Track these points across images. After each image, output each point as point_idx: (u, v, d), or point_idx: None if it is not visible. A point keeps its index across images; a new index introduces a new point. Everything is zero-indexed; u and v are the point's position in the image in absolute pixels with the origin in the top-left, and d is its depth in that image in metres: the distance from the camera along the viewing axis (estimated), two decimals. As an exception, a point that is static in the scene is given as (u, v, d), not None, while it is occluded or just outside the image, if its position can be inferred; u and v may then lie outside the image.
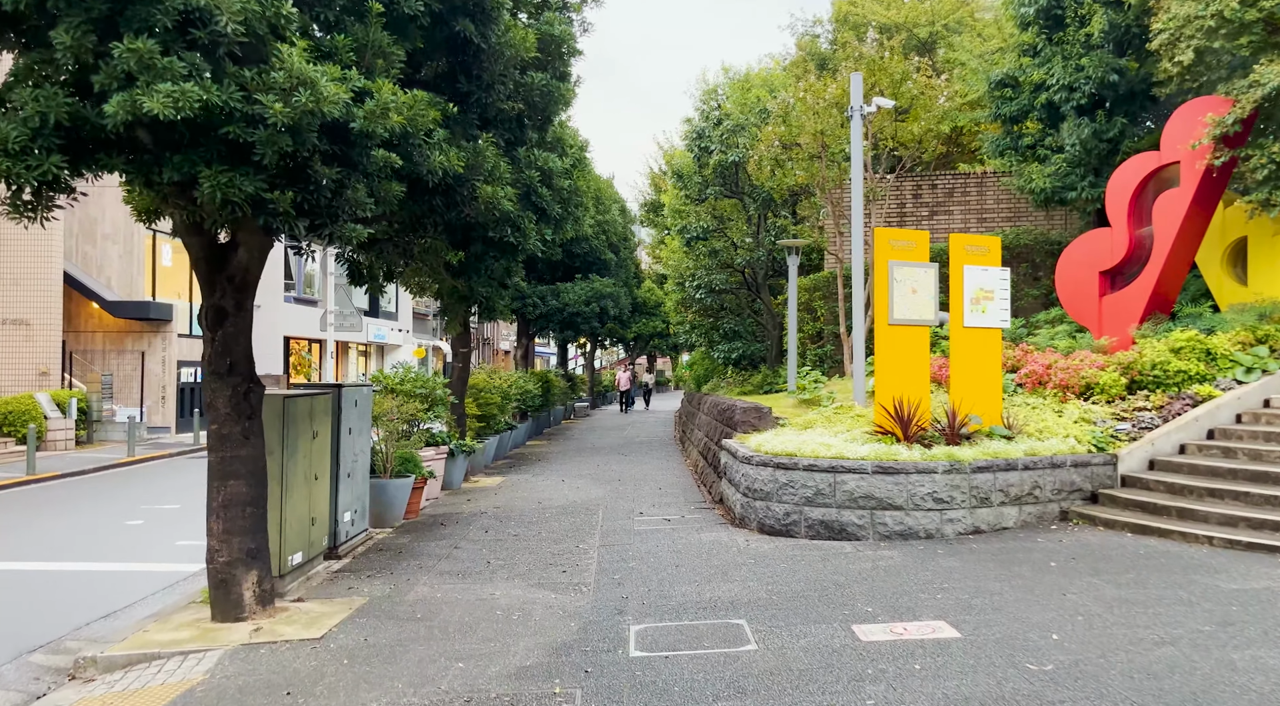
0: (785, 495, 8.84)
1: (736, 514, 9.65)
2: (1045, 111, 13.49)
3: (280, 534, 7.01)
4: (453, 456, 12.85)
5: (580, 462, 16.59)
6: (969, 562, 7.27)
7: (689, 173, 18.01)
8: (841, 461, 8.59)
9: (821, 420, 10.32)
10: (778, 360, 17.58)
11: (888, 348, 9.33)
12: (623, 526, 9.72)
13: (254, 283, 6.36)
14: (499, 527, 9.86)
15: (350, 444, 8.77)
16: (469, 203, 6.28)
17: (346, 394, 8.62)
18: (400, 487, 10.09)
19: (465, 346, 13.99)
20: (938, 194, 16.02)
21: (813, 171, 14.45)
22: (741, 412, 11.51)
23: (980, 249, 9.71)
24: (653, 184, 38.93)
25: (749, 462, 9.31)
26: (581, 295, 20.47)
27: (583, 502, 11.56)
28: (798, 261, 12.99)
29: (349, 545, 8.75)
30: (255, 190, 5.00)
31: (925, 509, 8.43)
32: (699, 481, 13.68)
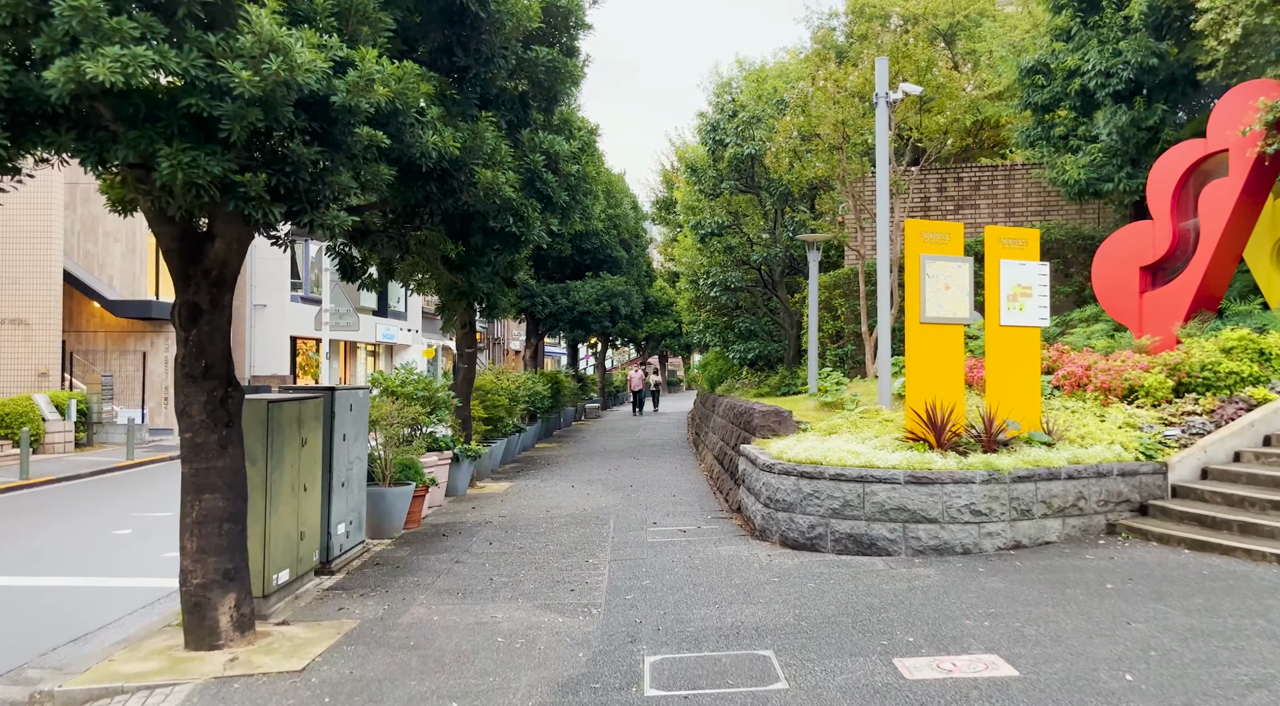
0: (810, 506, 8.23)
1: (757, 525, 9.04)
2: (1079, 99, 12.81)
3: (264, 550, 6.45)
4: (457, 462, 12.30)
5: (591, 467, 16.01)
6: (1015, 583, 6.64)
7: (703, 166, 17.40)
8: (871, 470, 7.97)
9: (846, 425, 9.71)
10: (795, 360, 16.95)
11: (919, 348, 8.70)
12: (635, 538, 9.13)
13: (232, 277, 5.79)
14: (504, 539, 9.29)
15: (345, 451, 8.21)
16: (467, 189, 5.71)
17: (340, 397, 8.06)
18: (400, 496, 9.53)
19: (471, 346, 13.43)
20: (963, 187, 15.37)
21: (833, 163, 13.83)
22: (760, 416, 10.91)
23: (1018, 242, 9.07)
24: (665, 180, 38.32)
25: (770, 471, 8.70)
26: (592, 294, 19.88)
27: (593, 511, 10.98)
28: (818, 257, 12.39)
29: (343, 559, 8.20)
30: (223, 171, 4.44)
31: (962, 522, 7.81)
32: (715, 488, 13.07)
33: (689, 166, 18.11)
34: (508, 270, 7.23)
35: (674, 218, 36.25)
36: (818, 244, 12.43)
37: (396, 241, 6.71)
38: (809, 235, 12.32)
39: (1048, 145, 13.48)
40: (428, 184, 5.73)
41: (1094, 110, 12.86)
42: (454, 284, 6.48)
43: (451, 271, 6.37)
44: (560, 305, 19.63)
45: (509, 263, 7.08)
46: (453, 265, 6.45)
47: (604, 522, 10.13)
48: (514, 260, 7.27)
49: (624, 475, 14.73)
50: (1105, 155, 12.37)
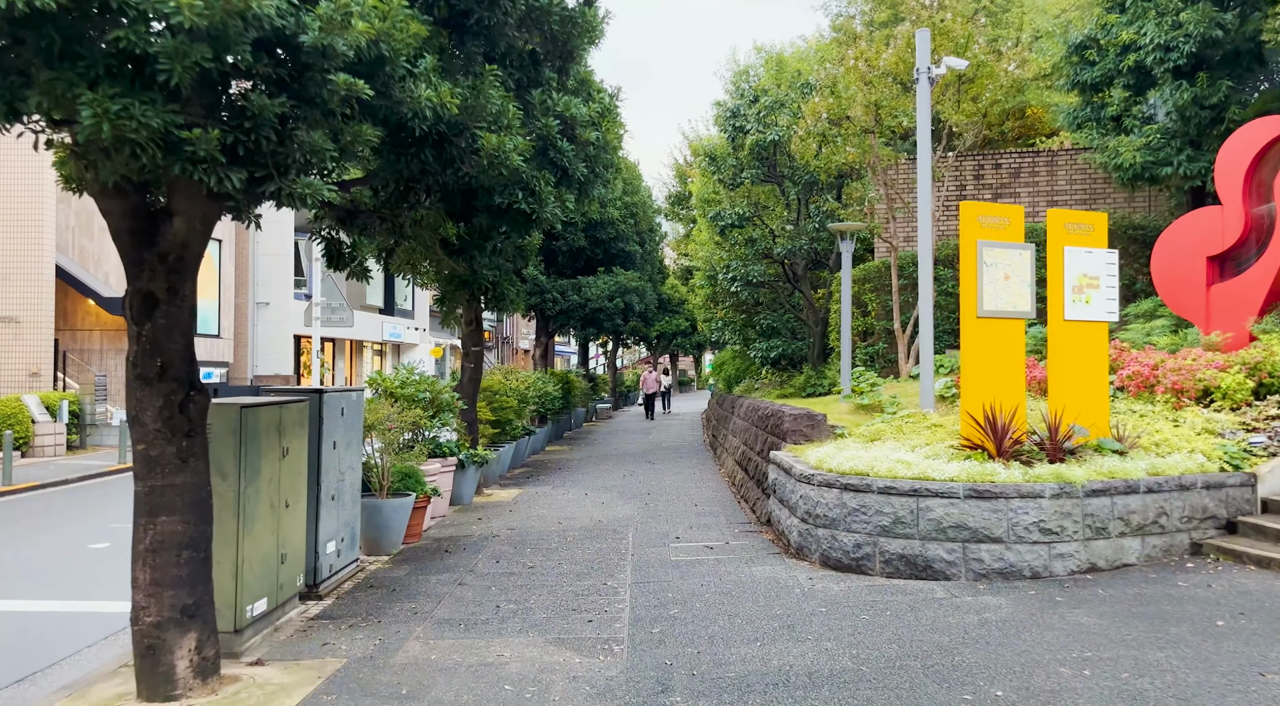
0: (856, 523, 7.33)
1: (792, 542, 8.15)
2: (1133, 76, 11.86)
3: (237, 578, 5.60)
4: (462, 468, 11.44)
5: (604, 472, 15.15)
6: (1105, 618, 5.72)
7: (722, 155, 16.50)
8: (926, 483, 7.07)
9: (890, 430, 8.80)
10: (820, 359, 16.03)
11: (976, 345, 7.79)
12: (657, 556, 8.25)
13: (194, 263, 4.94)
14: (512, 556, 8.42)
15: (335, 460, 7.36)
16: (468, 157, 4.84)
17: (329, 401, 7.20)
18: (398, 509, 8.68)
19: (477, 344, 12.57)
20: (1002, 174, 14.43)
21: (864, 148, 12.91)
22: (791, 420, 10.01)
23: (1083, 227, 8.15)
24: (678, 175, 37.41)
25: (809, 482, 7.81)
26: (605, 290, 19.01)
27: (609, 523, 10.10)
28: (851, 247, 11.50)
29: (334, 580, 7.34)
30: (164, 125, 3.58)
31: (1030, 541, 6.89)
32: (738, 496, 12.18)
33: (707, 155, 17.21)
34: (516, 256, 6.37)
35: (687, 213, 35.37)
36: (849, 233, 11.53)
37: (390, 223, 5.84)
38: (840, 224, 11.41)
39: (1097, 127, 12.54)
40: (422, 151, 4.87)
41: (1149, 88, 11.91)
42: (454, 272, 5.64)
43: (451, 257, 5.52)
44: (571, 302, 18.75)
45: (518, 247, 6.19)
46: (453, 250, 5.59)
47: (621, 536, 9.25)
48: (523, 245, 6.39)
49: (640, 481, 13.85)
50: (1163, 137, 11.40)
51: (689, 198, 34.78)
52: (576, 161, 5.21)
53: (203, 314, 26.19)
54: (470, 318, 12.55)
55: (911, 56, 12.53)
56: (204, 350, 25.76)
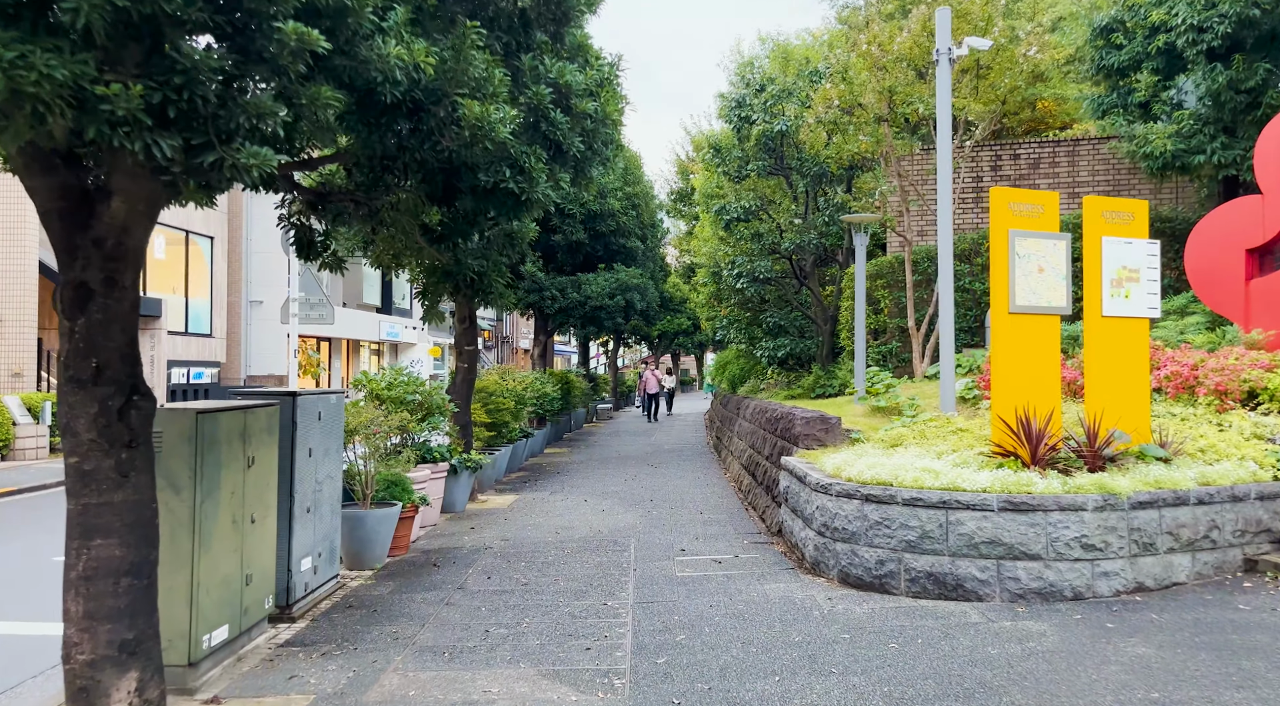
0: (878, 537, 6.72)
1: (808, 557, 7.54)
2: (1162, 60, 11.25)
3: (191, 605, 4.99)
4: (455, 474, 10.84)
5: (605, 476, 14.54)
6: (1166, 649, 5.11)
7: (727, 146, 15.88)
8: (956, 494, 6.46)
9: (912, 435, 8.19)
10: (830, 359, 15.42)
11: (1008, 343, 7.18)
12: (662, 571, 7.64)
13: (136, 250, 4.33)
14: (505, 571, 7.81)
15: (311, 469, 6.76)
16: (448, 129, 4.23)
17: (304, 404, 6.60)
18: (383, 519, 8.07)
19: (471, 343, 11.97)
20: (1020, 165, 13.82)
21: (878, 136, 12.29)
22: (803, 423, 9.40)
23: (1122, 215, 7.53)
24: (680, 171, 36.80)
25: (826, 492, 7.20)
26: (605, 287, 18.38)
27: (609, 533, 9.50)
28: (866, 240, 10.89)
29: (310, 600, 6.74)
30: (72, 77, 2.97)
31: (1071, 559, 6.28)
32: (746, 503, 11.57)
33: (711, 147, 16.59)
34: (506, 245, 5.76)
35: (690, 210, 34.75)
36: (863, 225, 10.92)
37: (366, 208, 5.23)
38: (854, 215, 10.79)
39: (1124, 114, 11.92)
40: (395, 121, 4.26)
41: (1179, 72, 11.28)
42: (436, 263, 5.05)
43: (433, 245, 4.91)
44: (571, 299, 18.14)
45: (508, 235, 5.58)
46: (434, 237, 4.98)
47: (623, 549, 8.65)
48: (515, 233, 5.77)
49: (642, 486, 13.24)
50: (1195, 123, 10.77)
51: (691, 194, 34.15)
52: (572, 135, 4.60)
53: (195, 312, 25.61)
54: (463, 315, 11.95)
55: (927, 40, 11.92)
56: (196, 350, 25.17)
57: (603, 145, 4.85)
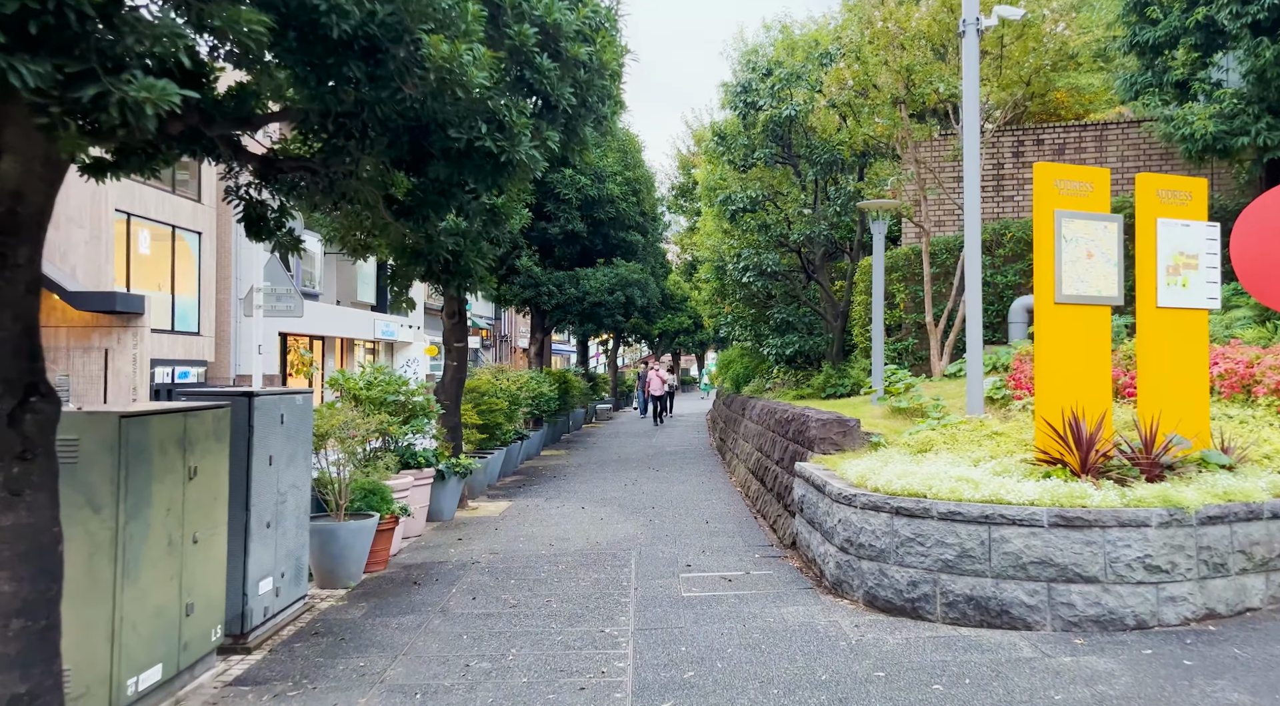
0: (910, 555, 5.96)
1: (828, 574, 6.78)
2: (1202, 34, 10.48)
3: (113, 643, 4.23)
4: (442, 479, 10.08)
5: (604, 480, 13.78)
6: (1262, 695, 4.35)
7: (732, 133, 15.11)
8: (1000, 507, 5.70)
9: (942, 440, 7.42)
10: (840, 357, 14.66)
11: (1054, 337, 6.42)
12: (666, 591, 6.88)
13: (34, 219, 3.60)
14: (493, 590, 7.05)
15: (272, 479, 6.00)
16: (410, 73, 3.48)
17: (262, 406, 5.84)
18: (358, 533, 7.31)
19: (460, 340, 11.22)
20: (1044, 151, 13.06)
21: (894, 120, 11.52)
22: (818, 426, 8.64)
23: (1179, 195, 6.77)
24: (681, 165, 36.06)
25: (850, 504, 6.44)
26: (605, 282, 17.62)
27: (608, 545, 8.74)
28: (884, 229, 10.12)
29: (271, 626, 5.98)
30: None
31: (1132, 582, 5.52)
32: (755, 510, 10.82)
33: (716, 134, 15.82)
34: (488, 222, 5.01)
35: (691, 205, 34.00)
36: (881, 212, 10.16)
37: (324, 178, 4.47)
38: (871, 201, 10.03)
39: (1159, 93, 11.16)
40: (346, 63, 3.50)
41: (1220, 48, 10.52)
42: (405, 242, 4.33)
43: (400, 220, 4.16)
44: (569, 295, 17.38)
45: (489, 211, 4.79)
46: (402, 210, 4.23)
47: (623, 563, 7.89)
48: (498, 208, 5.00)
49: (644, 491, 12.49)
50: (1238, 102, 10.00)
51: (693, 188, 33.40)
52: (561, 85, 3.85)
53: (181, 310, 24.84)
54: (452, 310, 11.20)
55: (947, 16, 11.16)
56: (183, 348, 24.41)
57: (598, 100, 4.10)
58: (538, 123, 3.90)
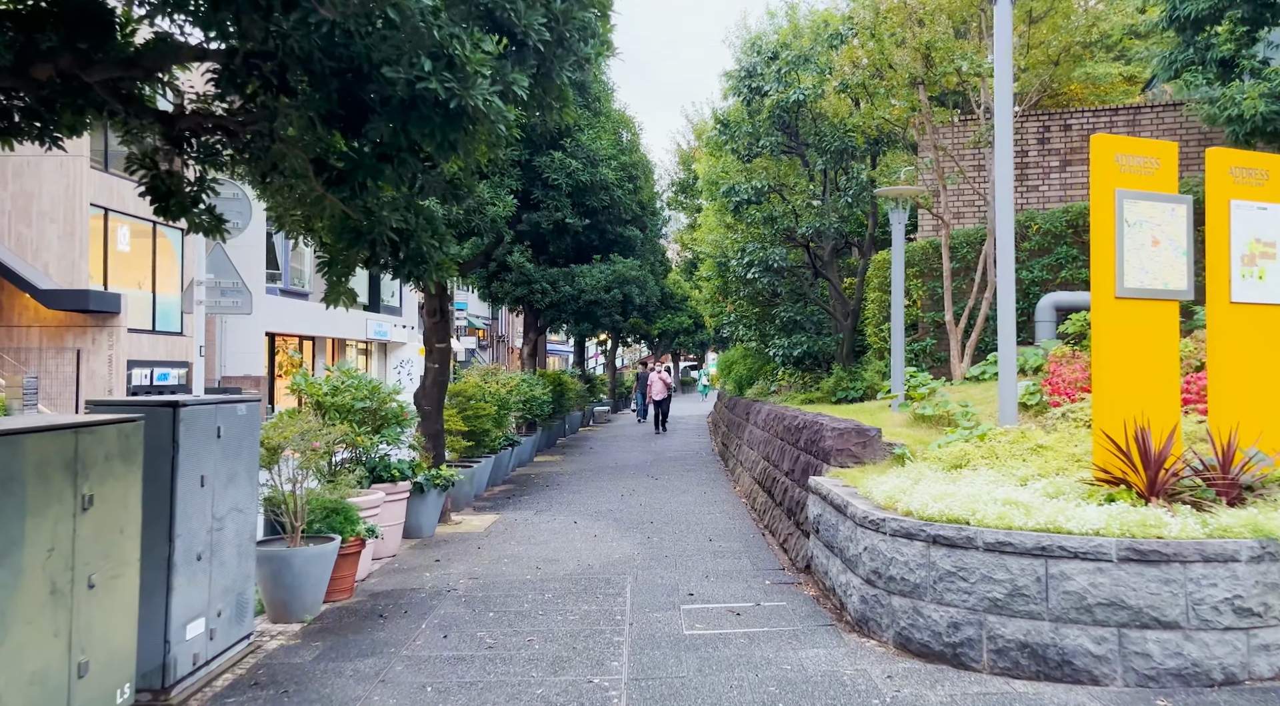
0: (952, 592, 5.09)
1: (851, 609, 5.91)
2: (1249, 7, 9.62)
3: (-32, 722, 3.35)
4: (421, 493, 9.22)
5: (599, 490, 12.91)
6: None
7: (737, 121, 14.23)
8: (1058, 537, 4.83)
9: (978, 453, 6.55)
10: (851, 358, 13.79)
11: (1114, 337, 5.55)
12: (665, 627, 6.01)
13: None
14: (468, 625, 6.18)
15: (205, 503, 5.12)
16: (326, -10, 2.58)
17: (191, 417, 4.96)
18: (314, 559, 6.43)
19: (442, 340, 10.36)
20: (1071, 137, 12.20)
21: (912, 102, 10.65)
22: (835, 436, 7.77)
23: (1255, 174, 5.90)
24: (682, 161, 35.19)
25: (878, 530, 5.57)
26: (601, 279, 16.74)
27: (601, 568, 7.87)
28: (904, 218, 9.24)
29: (203, 675, 5.11)
30: None
31: (1219, 627, 4.65)
32: (763, 526, 9.95)
33: (719, 122, 14.94)
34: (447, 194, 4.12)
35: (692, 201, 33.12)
36: (902, 200, 9.28)
37: (242, 140, 3.59)
38: (889, 188, 9.16)
39: (1203, 72, 10.31)
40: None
41: (1266, 23, 9.67)
42: (347, 218, 3.49)
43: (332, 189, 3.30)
44: (563, 293, 16.51)
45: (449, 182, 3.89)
46: (333, 178, 3.36)
47: (617, 591, 7.01)
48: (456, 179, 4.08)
49: (642, 503, 11.61)
50: (1292, 79, 9.15)
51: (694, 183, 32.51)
52: (531, 14, 2.97)
53: (164, 309, 23.97)
54: (434, 308, 10.34)
55: (970, -11, 10.29)
56: (164, 349, 23.54)
57: (579, 37, 3.22)
58: (500, 64, 3.03)
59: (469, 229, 7.81)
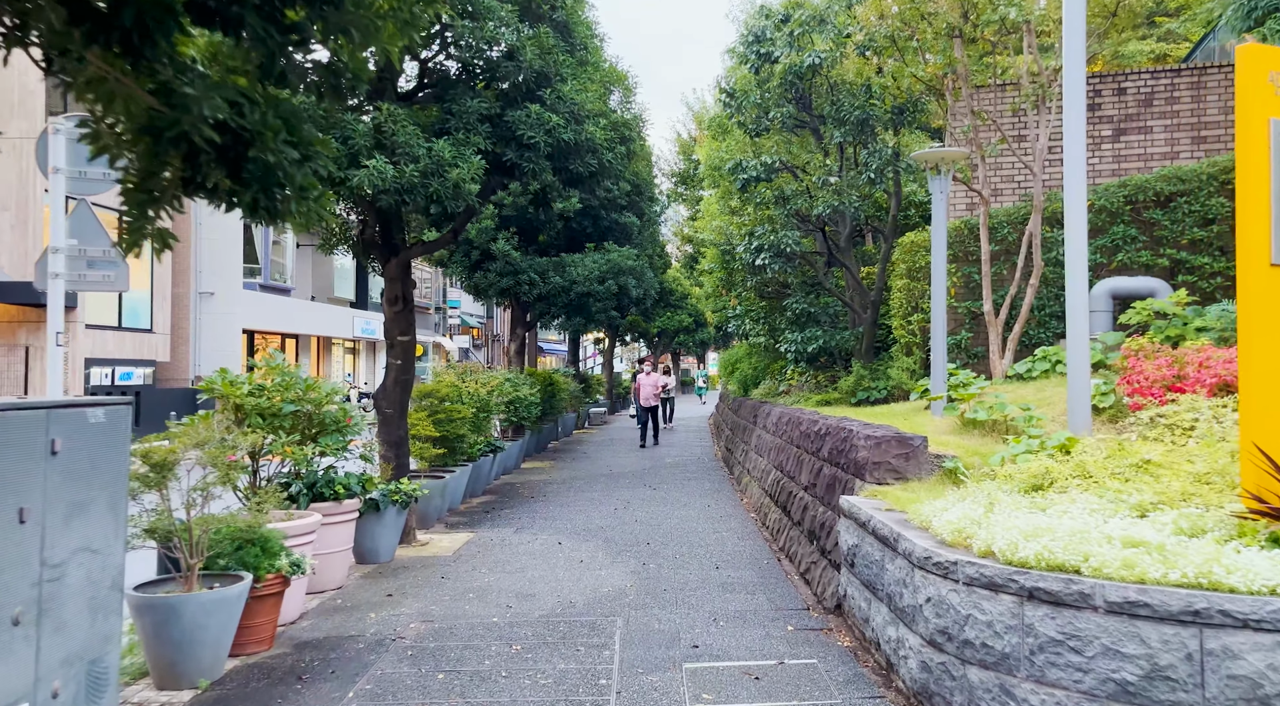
0: (1056, 668, 3.68)
1: (907, 678, 4.50)
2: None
3: None
4: (376, 511, 7.81)
5: (590, 502, 11.49)
6: None
7: (743, 90, 12.81)
8: (1218, 597, 3.42)
9: (1069, 472, 5.12)
10: (871, 355, 12.37)
11: (1271, 317, 4.13)
12: (665, 693, 4.60)
13: None
14: (409, 693, 4.76)
15: (27, 545, 3.72)
16: None
17: (7, 426, 3.55)
18: (214, 607, 5.01)
19: (405, 332, 8.95)
20: (1127, 102, 10.82)
21: (949, 58, 9.23)
22: (870, 445, 6.36)
23: None
24: (682, 151, 33.81)
25: (946, 576, 4.17)
26: (594, 269, 15.33)
27: (586, 606, 6.45)
28: (947, 186, 7.79)
29: (24, 782, 3.68)
30: None
31: None
32: (777, 548, 8.55)
33: (724, 92, 13.52)
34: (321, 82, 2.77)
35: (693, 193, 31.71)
36: (943, 166, 7.82)
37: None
38: (929, 151, 7.71)
39: (1276, 19, 8.93)
40: None
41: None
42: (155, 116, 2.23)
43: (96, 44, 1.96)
44: (553, 284, 15.10)
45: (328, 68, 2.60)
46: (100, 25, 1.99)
47: (603, 642, 5.60)
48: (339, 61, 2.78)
49: (637, 518, 10.20)
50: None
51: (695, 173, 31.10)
52: None
53: (131, 305, 22.55)
54: (394, 294, 8.93)
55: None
56: (131, 347, 22.13)
57: None
58: None
59: (427, 197, 6.38)
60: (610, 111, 7.95)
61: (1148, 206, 9.84)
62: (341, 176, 6.45)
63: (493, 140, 6.94)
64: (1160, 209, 9.80)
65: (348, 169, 6.42)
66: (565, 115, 6.96)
